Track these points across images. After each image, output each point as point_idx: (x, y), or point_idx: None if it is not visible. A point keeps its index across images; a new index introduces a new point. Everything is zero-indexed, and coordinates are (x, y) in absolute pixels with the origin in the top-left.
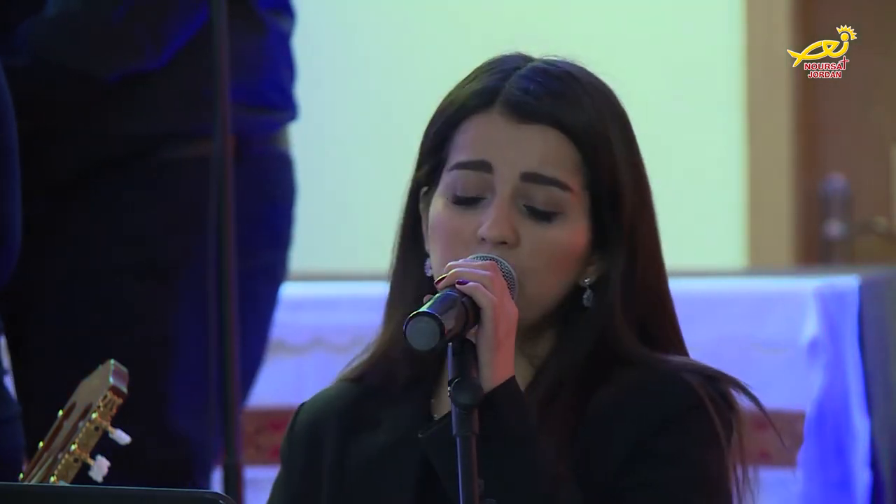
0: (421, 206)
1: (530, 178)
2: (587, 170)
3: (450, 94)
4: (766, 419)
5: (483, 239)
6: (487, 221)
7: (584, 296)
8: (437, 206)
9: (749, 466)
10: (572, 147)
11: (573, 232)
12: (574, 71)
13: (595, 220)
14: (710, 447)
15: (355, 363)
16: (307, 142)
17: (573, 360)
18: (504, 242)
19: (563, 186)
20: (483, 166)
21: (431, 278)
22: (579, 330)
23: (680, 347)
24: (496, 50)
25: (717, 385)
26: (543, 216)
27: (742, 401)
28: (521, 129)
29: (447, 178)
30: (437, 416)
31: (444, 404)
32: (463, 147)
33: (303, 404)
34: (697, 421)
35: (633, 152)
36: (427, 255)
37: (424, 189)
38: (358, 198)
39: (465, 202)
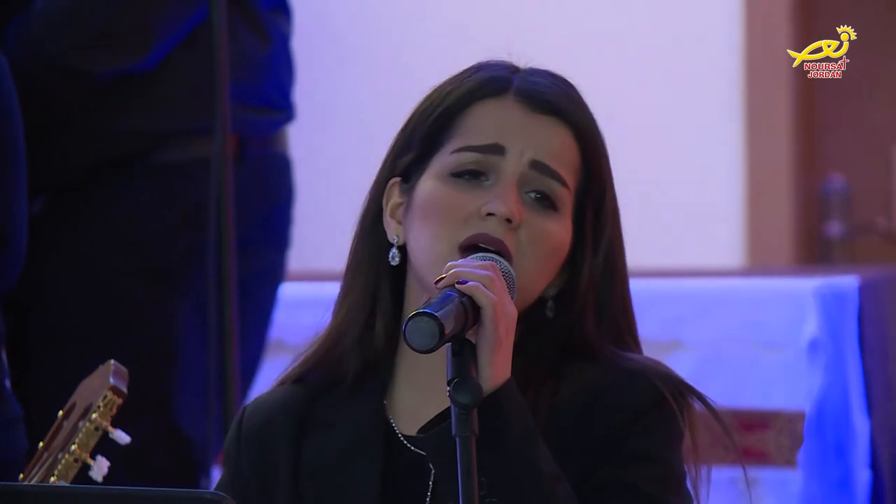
0: (384, 199)
1: (538, 166)
2: (584, 173)
3: (444, 88)
4: (719, 422)
5: (489, 214)
6: (495, 199)
7: (548, 306)
8: (430, 185)
9: (702, 465)
10: (577, 148)
11: (565, 229)
12: (569, 82)
13: (576, 225)
14: (675, 444)
15: (295, 364)
16: (308, 142)
17: (536, 362)
18: (510, 221)
19: (563, 182)
20: (496, 149)
21: (393, 269)
22: (543, 338)
23: (639, 353)
24: (496, 50)
25: (675, 384)
26: (545, 206)
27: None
28: (537, 118)
29: (449, 160)
30: (392, 418)
31: (399, 405)
32: (474, 130)
33: (245, 409)
34: (663, 419)
35: (610, 164)
36: (391, 246)
37: (395, 180)
38: (358, 198)
39: (467, 177)
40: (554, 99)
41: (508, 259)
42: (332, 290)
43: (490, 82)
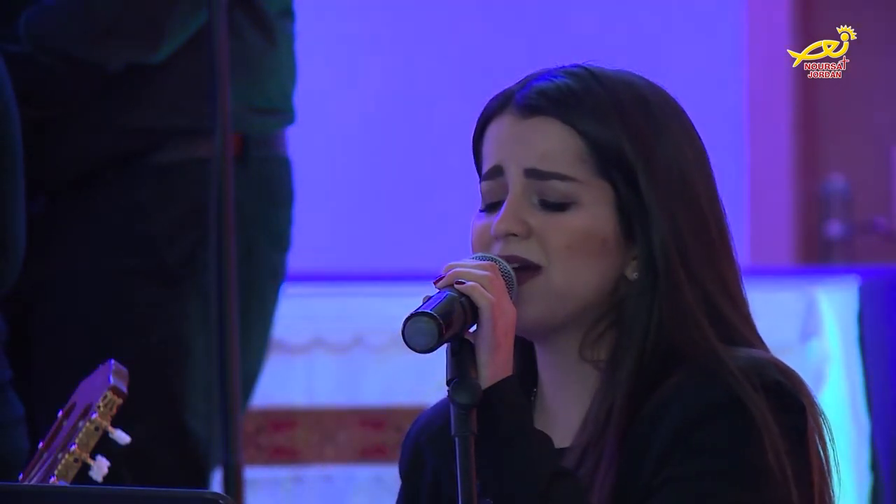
0: None
1: (532, 174)
2: (596, 158)
3: None
4: (818, 430)
5: (496, 237)
6: (496, 219)
7: (630, 291)
8: (475, 216)
9: (826, 455)
10: (576, 137)
11: (591, 219)
12: (596, 69)
13: (621, 209)
14: (747, 440)
15: None
16: (309, 143)
17: (630, 360)
18: (514, 234)
19: (564, 178)
20: (498, 172)
21: None
22: (627, 326)
23: (748, 334)
24: (493, 52)
25: (769, 376)
26: (555, 207)
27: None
28: (525, 123)
29: (480, 188)
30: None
31: (541, 417)
32: (485, 156)
33: (420, 415)
34: (732, 415)
35: (662, 141)
36: None
37: None
38: (358, 198)
39: (489, 209)
40: (541, 98)
41: (535, 270)
42: (332, 290)
43: (494, 102)
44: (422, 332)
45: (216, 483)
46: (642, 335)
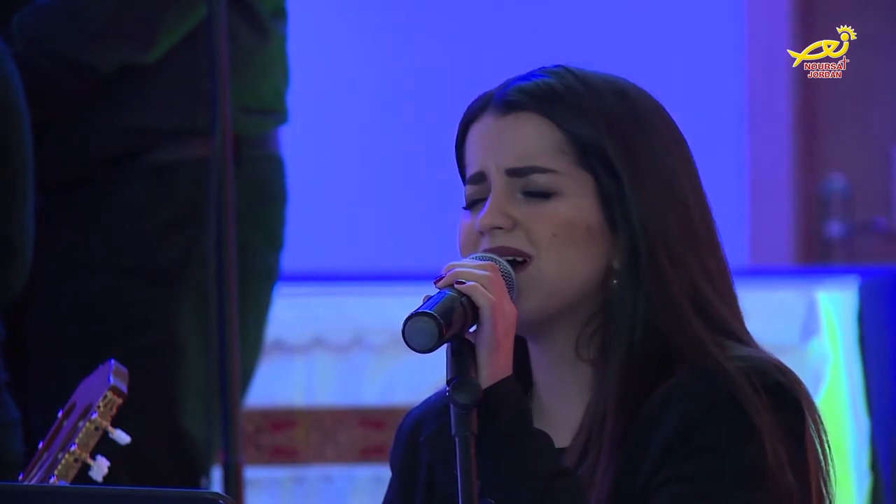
0: None
1: (512, 173)
2: (576, 149)
3: None
4: (818, 431)
5: (481, 233)
6: (480, 217)
7: (615, 276)
8: (461, 218)
9: (825, 456)
10: (554, 129)
11: (574, 208)
12: (575, 68)
13: (603, 198)
14: (746, 441)
15: None
16: (309, 143)
17: (619, 352)
18: (499, 228)
19: (544, 170)
20: (481, 178)
21: None
22: (614, 316)
23: (739, 329)
24: (492, 51)
25: (769, 377)
26: (539, 196)
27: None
28: (504, 121)
29: (465, 194)
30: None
31: (538, 415)
32: (468, 161)
33: (411, 410)
34: (728, 415)
35: (642, 133)
36: None
37: None
38: (358, 198)
39: (473, 206)
40: (519, 95)
41: (524, 262)
42: (332, 290)
43: (474, 105)
44: (422, 332)
45: (216, 483)
46: (629, 325)
